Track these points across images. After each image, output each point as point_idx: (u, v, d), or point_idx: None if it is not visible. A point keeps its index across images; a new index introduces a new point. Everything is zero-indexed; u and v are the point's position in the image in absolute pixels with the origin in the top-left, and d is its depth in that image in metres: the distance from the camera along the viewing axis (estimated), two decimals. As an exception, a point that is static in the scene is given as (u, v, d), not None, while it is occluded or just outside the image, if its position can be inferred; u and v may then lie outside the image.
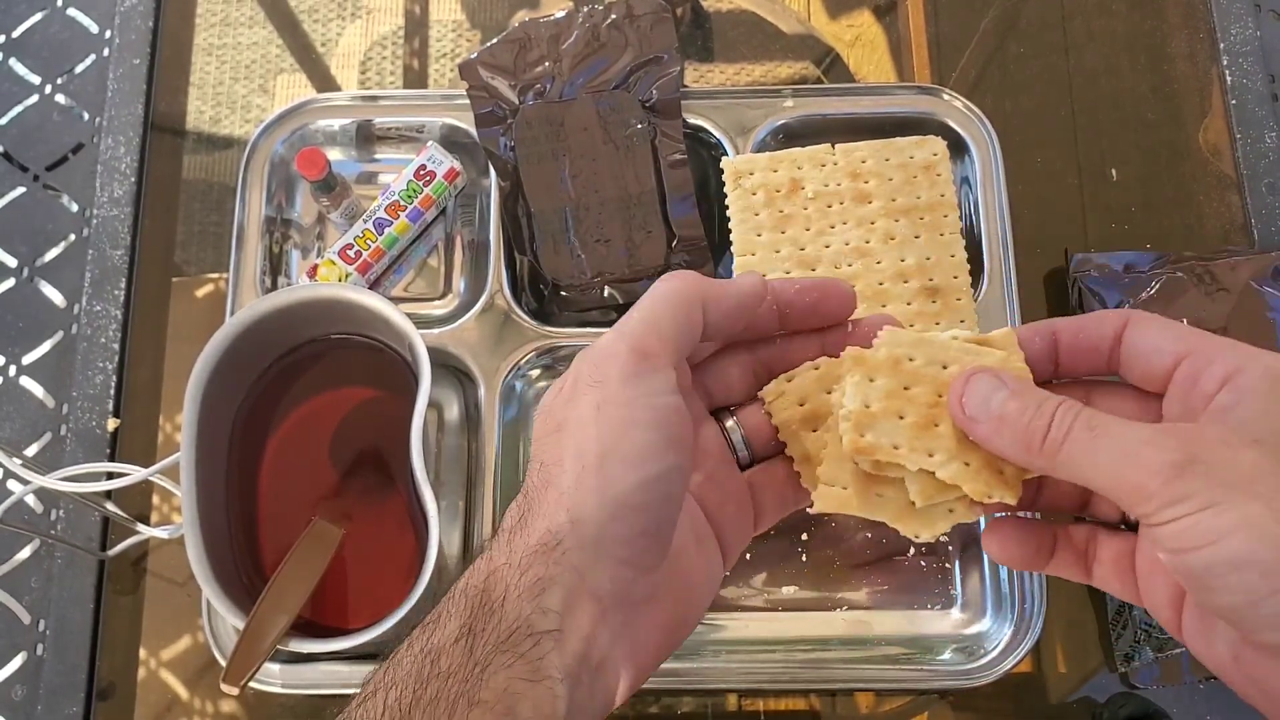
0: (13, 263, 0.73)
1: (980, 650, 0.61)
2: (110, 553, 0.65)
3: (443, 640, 0.33)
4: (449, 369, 0.67)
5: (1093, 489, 0.35)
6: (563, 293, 0.69)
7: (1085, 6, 0.78)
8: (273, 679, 0.60)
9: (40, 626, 0.65)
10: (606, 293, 0.69)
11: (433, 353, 0.59)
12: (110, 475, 0.59)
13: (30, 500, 0.67)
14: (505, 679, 0.32)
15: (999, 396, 0.36)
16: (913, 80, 0.76)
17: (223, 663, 0.60)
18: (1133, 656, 0.61)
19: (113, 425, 0.68)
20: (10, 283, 0.73)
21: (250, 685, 0.52)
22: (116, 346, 0.70)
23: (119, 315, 0.71)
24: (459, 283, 0.72)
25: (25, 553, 0.67)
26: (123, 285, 0.71)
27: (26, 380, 0.71)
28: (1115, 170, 0.73)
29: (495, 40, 0.73)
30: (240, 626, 0.54)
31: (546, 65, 0.72)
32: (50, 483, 0.57)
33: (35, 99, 0.77)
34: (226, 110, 0.77)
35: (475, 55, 0.73)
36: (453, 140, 0.72)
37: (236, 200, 0.70)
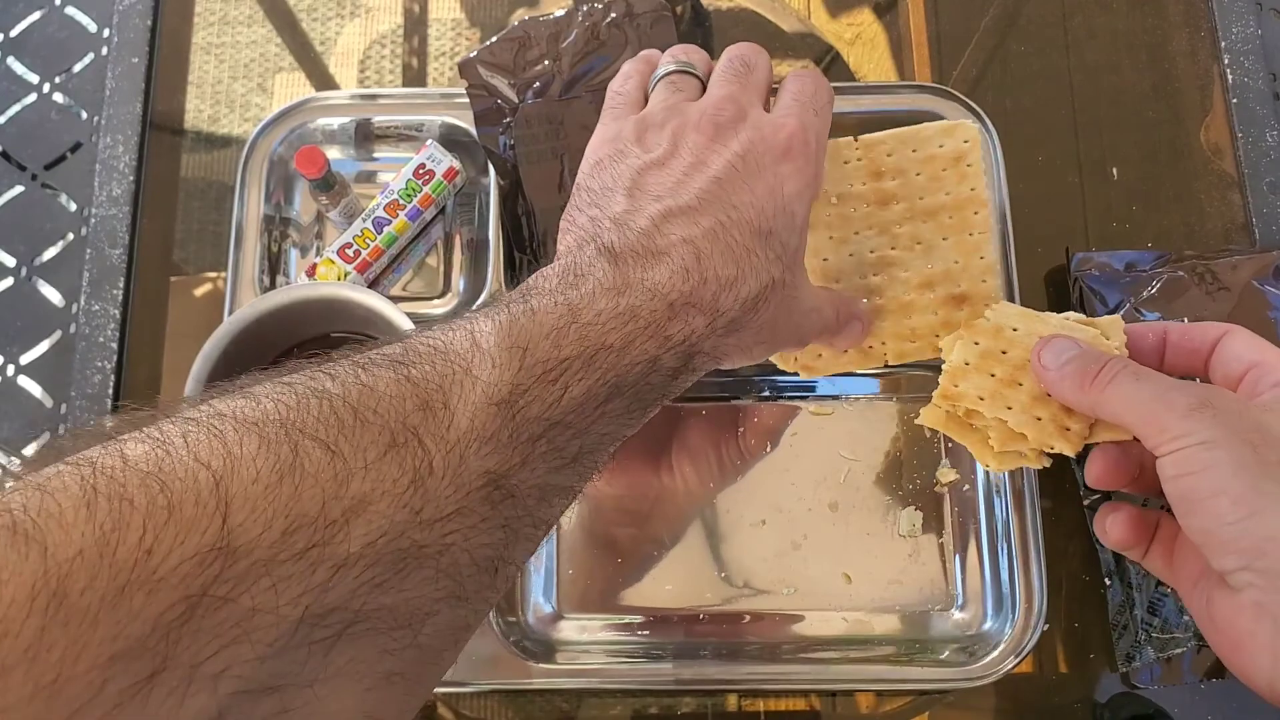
0: (11, 262, 0.73)
1: (981, 650, 0.61)
2: (109, 553, 0.65)
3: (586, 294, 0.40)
4: (448, 368, 0.67)
5: (1126, 426, 0.40)
6: (562, 292, 0.69)
7: (1086, 4, 0.78)
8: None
9: (38, 626, 0.65)
10: (606, 292, 0.68)
11: (432, 352, 0.59)
12: (108, 475, 0.59)
13: (28, 500, 0.67)
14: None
15: (1070, 353, 0.43)
16: (913, 79, 0.76)
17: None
18: (1134, 657, 0.61)
19: (111, 425, 0.68)
20: (8, 282, 0.73)
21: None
22: (115, 346, 0.70)
23: (117, 314, 0.71)
24: (458, 282, 0.71)
25: (23, 553, 0.67)
26: (121, 284, 0.71)
27: (24, 380, 0.71)
28: (1116, 169, 0.73)
29: (494, 39, 0.73)
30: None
31: (546, 64, 0.72)
32: (48, 483, 0.57)
33: (33, 98, 0.77)
34: (225, 109, 0.77)
35: (474, 54, 0.72)
36: (452, 139, 0.72)
37: (235, 199, 0.70)
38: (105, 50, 0.77)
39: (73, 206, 0.74)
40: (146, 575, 0.27)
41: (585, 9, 0.73)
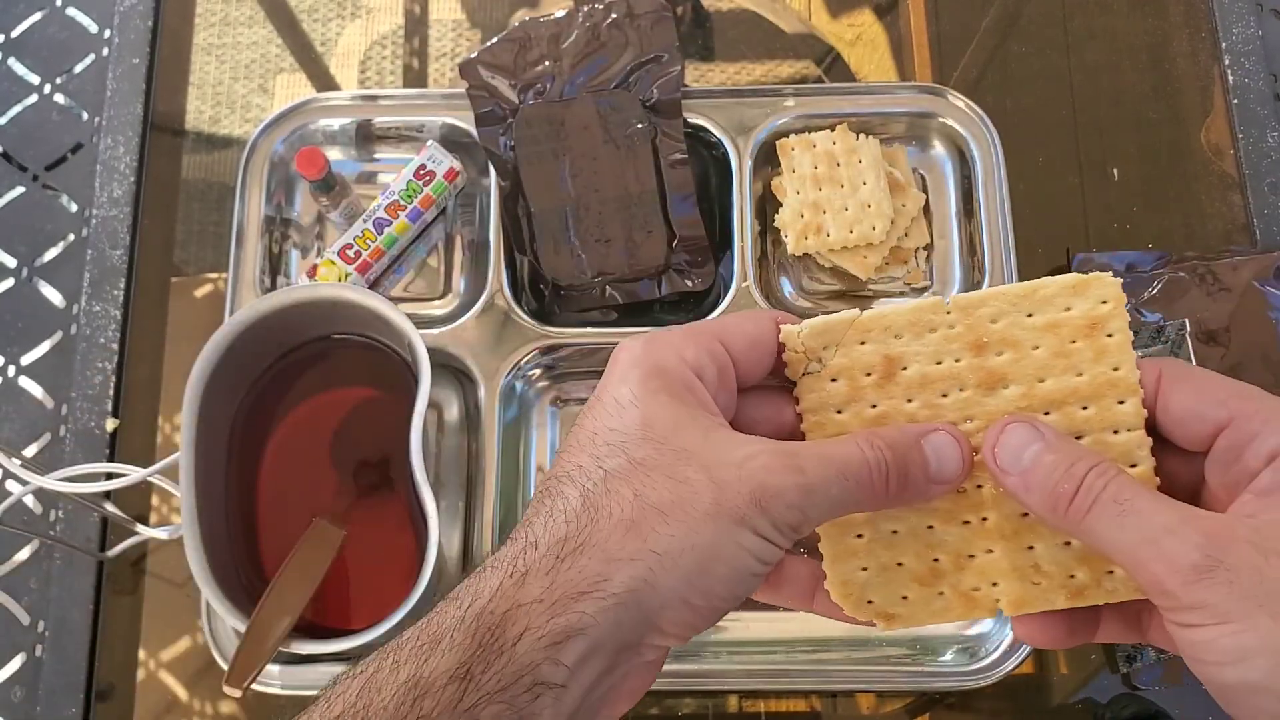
0: (12, 263, 0.73)
1: (982, 651, 0.61)
2: (109, 553, 0.65)
3: (434, 673, 0.31)
4: (449, 369, 0.67)
5: (1114, 562, 0.34)
6: (563, 292, 0.69)
7: (1086, 5, 0.78)
8: (272, 680, 0.60)
9: (39, 627, 0.65)
10: (607, 292, 0.68)
11: (432, 353, 0.59)
12: (109, 476, 0.59)
13: (29, 501, 0.67)
14: None
15: (1033, 449, 0.35)
16: (914, 79, 0.76)
17: (222, 664, 0.60)
18: (1135, 658, 0.61)
19: (112, 426, 0.68)
20: (9, 283, 0.73)
21: (251, 687, 0.52)
22: (115, 346, 0.70)
23: (118, 315, 0.71)
24: (459, 282, 0.71)
25: (24, 553, 0.67)
26: (122, 285, 0.71)
27: (25, 380, 0.71)
28: (1117, 169, 0.73)
29: (495, 39, 0.73)
30: (239, 627, 0.53)
31: (547, 64, 0.72)
32: (49, 483, 0.57)
33: (34, 99, 0.77)
34: (226, 110, 0.77)
35: (475, 54, 0.73)
36: (452, 140, 0.72)
37: (236, 200, 0.70)
38: (106, 51, 0.77)
39: (74, 207, 0.74)
40: None
41: (586, 10, 0.73)
